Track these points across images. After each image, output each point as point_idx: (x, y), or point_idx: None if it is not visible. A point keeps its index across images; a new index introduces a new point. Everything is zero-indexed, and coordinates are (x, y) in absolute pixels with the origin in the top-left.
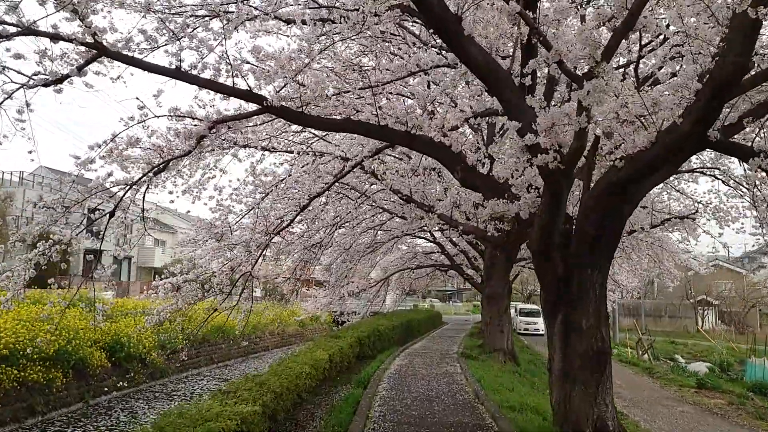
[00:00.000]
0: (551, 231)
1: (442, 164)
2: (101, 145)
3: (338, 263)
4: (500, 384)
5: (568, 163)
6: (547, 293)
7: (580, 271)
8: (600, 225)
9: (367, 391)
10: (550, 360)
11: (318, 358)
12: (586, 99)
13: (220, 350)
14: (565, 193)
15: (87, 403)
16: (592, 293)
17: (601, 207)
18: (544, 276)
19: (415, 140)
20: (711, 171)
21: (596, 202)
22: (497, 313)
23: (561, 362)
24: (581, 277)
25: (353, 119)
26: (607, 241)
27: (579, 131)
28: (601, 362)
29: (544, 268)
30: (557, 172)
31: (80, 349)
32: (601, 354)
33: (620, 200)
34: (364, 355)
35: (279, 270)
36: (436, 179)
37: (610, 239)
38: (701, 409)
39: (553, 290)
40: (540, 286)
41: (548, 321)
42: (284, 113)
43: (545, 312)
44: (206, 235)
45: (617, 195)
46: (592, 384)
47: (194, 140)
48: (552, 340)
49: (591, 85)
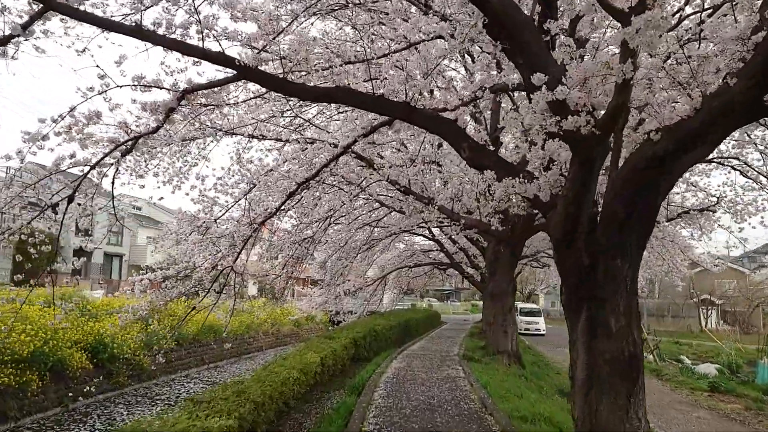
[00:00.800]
0: (578, 214)
1: (446, 140)
2: (57, 120)
3: (333, 261)
4: (507, 390)
5: (604, 126)
6: (569, 288)
7: (607, 261)
8: (631, 206)
9: (361, 399)
10: (571, 367)
11: (308, 361)
12: (635, 39)
13: (211, 351)
14: (598, 167)
15: (66, 407)
16: (622, 287)
17: (632, 185)
18: (566, 268)
19: (416, 113)
20: (729, 162)
21: (626, 181)
22: (501, 311)
23: (585, 369)
24: (609, 269)
25: (344, 87)
26: (640, 225)
27: (622, 84)
28: (633, 369)
29: (566, 258)
30: (590, 138)
31: (58, 350)
32: (633, 359)
33: (657, 174)
34: (359, 357)
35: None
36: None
37: (644, 223)
38: (718, 414)
39: (576, 285)
40: (561, 280)
41: (570, 321)
42: (264, 80)
43: (567, 311)
44: (189, 228)
45: (653, 171)
46: (623, 395)
47: (162, 114)
48: (574, 343)
49: (641, 20)
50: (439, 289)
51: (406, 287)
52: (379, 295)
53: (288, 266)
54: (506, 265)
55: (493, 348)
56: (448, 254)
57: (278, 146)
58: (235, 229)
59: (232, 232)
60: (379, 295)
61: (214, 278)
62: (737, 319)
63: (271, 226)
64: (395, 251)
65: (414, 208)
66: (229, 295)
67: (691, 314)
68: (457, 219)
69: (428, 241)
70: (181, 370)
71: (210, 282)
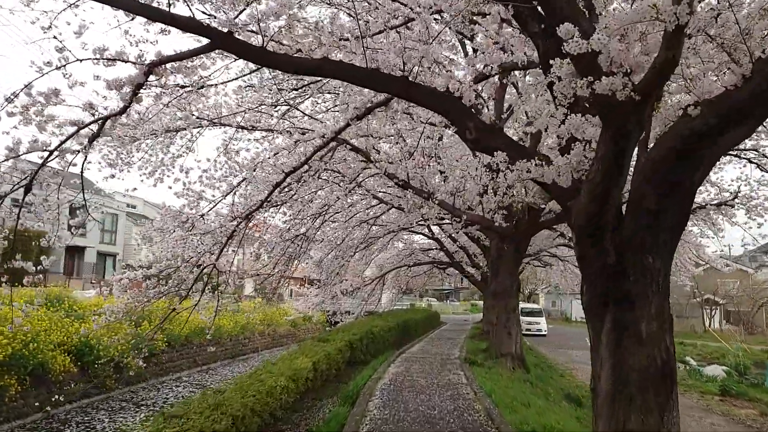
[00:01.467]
0: (607, 200)
1: (449, 120)
2: (10, 99)
3: (329, 259)
4: (513, 398)
5: (647, 87)
6: (592, 288)
7: (636, 256)
8: (663, 194)
9: (354, 411)
10: (593, 378)
11: (299, 367)
12: None
13: (204, 352)
14: (633, 142)
15: (47, 413)
16: (654, 287)
17: (664, 169)
18: (589, 264)
19: (414, 88)
20: (745, 154)
21: (657, 165)
22: (504, 312)
23: (611, 381)
24: (640, 266)
25: (333, 59)
26: (673, 216)
27: (674, 32)
28: (667, 381)
29: (589, 253)
30: (626, 105)
31: (40, 353)
32: (666, 369)
33: (693, 158)
34: (356, 361)
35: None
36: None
37: (677, 214)
38: (732, 420)
39: (600, 284)
40: (582, 279)
41: (592, 326)
42: (241, 50)
43: (588, 314)
44: (173, 224)
45: (689, 152)
46: (655, 411)
47: (129, 91)
48: (598, 350)
49: None
50: (438, 289)
51: (404, 287)
52: (377, 295)
53: (279, 265)
54: (510, 263)
55: (496, 350)
56: (448, 253)
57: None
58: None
59: (216, 228)
60: (377, 295)
61: (197, 277)
62: (741, 319)
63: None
64: (394, 250)
65: (413, 203)
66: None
67: (695, 314)
68: (459, 215)
69: (427, 240)
70: (173, 372)
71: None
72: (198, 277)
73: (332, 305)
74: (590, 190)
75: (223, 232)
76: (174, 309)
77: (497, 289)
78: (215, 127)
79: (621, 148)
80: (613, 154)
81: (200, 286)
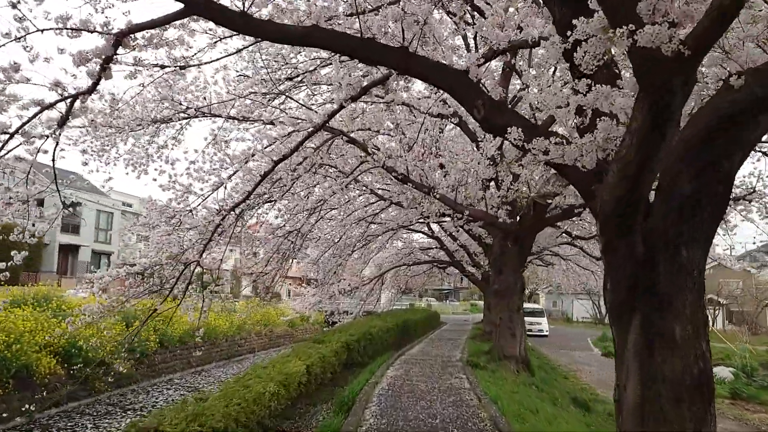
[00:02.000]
0: (640, 181)
1: (454, 98)
2: None
3: (326, 258)
4: (520, 404)
5: (698, 40)
6: (618, 286)
7: (669, 248)
8: (699, 179)
9: (349, 420)
10: (618, 388)
11: (291, 371)
12: None
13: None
14: (677, 108)
15: (31, 417)
16: (689, 284)
17: (700, 150)
18: (615, 258)
19: (414, 60)
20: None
21: (692, 145)
22: (508, 312)
23: (639, 393)
24: (673, 259)
25: (323, 27)
26: (711, 204)
27: None
28: (704, 391)
29: (615, 245)
30: (672, 62)
31: (24, 355)
32: (703, 379)
33: (735, 134)
34: (353, 363)
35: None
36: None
37: (715, 202)
38: (747, 426)
39: (627, 282)
40: (605, 274)
41: (617, 329)
42: (218, 15)
43: (613, 316)
44: (159, 219)
45: (730, 129)
46: (690, 426)
47: (97, 65)
48: (623, 357)
49: None
50: (437, 289)
51: (404, 286)
52: (376, 295)
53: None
54: (514, 261)
55: (499, 352)
56: (448, 252)
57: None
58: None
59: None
60: (376, 295)
61: (180, 275)
62: (745, 320)
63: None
64: (393, 249)
65: (413, 198)
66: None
67: None
68: (461, 210)
69: (427, 239)
70: (165, 374)
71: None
72: (181, 275)
73: (330, 305)
74: (621, 168)
75: (207, 226)
76: (155, 310)
77: (500, 288)
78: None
79: (661, 116)
80: (651, 123)
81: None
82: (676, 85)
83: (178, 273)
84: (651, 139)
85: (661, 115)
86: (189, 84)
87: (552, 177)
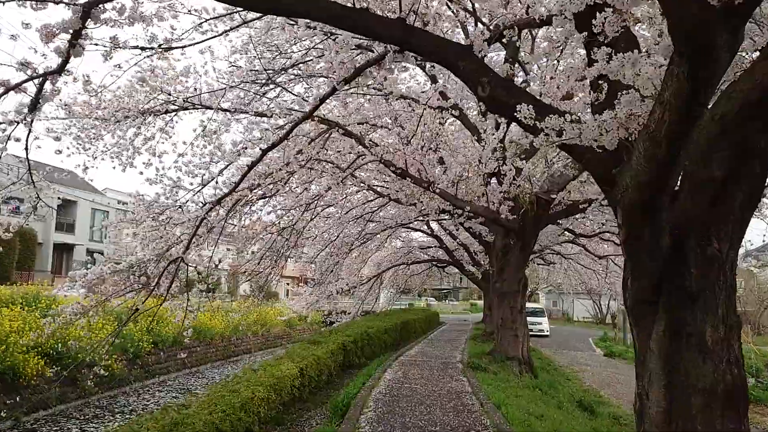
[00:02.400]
0: (670, 161)
1: (457, 76)
2: None
3: (323, 256)
4: (525, 410)
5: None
6: (640, 282)
7: (699, 240)
8: (732, 162)
9: (343, 428)
10: (638, 396)
11: (283, 374)
12: None
13: (195, 353)
14: (719, 72)
15: (17, 420)
16: (721, 280)
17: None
18: (637, 252)
19: (415, 34)
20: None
21: (726, 124)
22: (510, 312)
23: (666, 402)
24: (703, 251)
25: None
26: (745, 189)
27: None
28: (738, 402)
29: (638, 235)
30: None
31: (9, 356)
32: (738, 385)
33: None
34: (350, 364)
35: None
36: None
37: (750, 187)
38: (757, 429)
39: (652, 277)
40: (626, 269)
41: (638, 330)
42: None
43: (634, 315)
44: (146, 214)
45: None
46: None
47: (65, 42)
48: (645, 362)
49: None
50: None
51: (403, 286)
52: (374, 295)
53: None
54: (517, 259)
55: (502, 354)
56: (448, 251)
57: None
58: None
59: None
60: (374, 295)
61: (162, 272)
62: (748, 320)
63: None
64: (392, 248)
65: (412, 194)
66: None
67: None
68: (461, 206)
69: (427, 238)
70: (159, 375)
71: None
72: (164, 271)
73: (328, 305)
74: (648, 147)
75: (192, 220)
76: (137, 309)
77: (502, 288)
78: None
79: (700, 80)
80: (689, 92)
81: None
82: (720, 45)
83: (159, 269)
84: (688, 110)
85: (701, 76)
86: (178, 74)
87: (555, 173)
